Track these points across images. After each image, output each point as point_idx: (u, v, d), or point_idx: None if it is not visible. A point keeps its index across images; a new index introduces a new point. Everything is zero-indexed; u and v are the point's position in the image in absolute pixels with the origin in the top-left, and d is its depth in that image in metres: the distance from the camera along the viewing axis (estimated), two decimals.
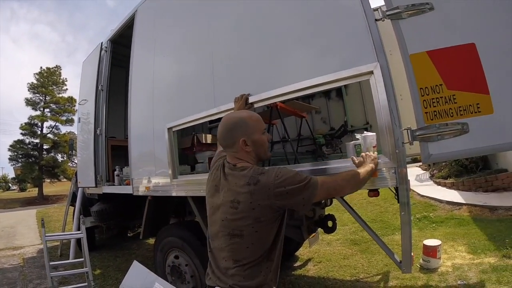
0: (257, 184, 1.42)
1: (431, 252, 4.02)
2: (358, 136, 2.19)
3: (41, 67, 27.37)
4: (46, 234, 4.38)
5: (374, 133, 2.12)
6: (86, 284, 4.06)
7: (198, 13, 3.14)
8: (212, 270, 1.59)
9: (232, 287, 1.43)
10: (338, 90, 4.61)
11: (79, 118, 5.58)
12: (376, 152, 1.93)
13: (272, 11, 2.46)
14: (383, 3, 1.94)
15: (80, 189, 6.08)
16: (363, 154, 1.89)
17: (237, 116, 1.65)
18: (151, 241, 6.56)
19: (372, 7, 1.94)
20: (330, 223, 3.71)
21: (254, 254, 1.45)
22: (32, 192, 31.10)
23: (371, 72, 1.85)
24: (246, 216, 1.42)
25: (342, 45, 2.05)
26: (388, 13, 1.87)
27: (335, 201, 3.78)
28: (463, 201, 6.73)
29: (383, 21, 1.90)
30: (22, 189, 35.91)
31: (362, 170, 1.71)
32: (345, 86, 4.57)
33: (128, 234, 7.63)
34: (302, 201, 1.47)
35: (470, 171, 8.12)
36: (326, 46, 2.15)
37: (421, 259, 4.13)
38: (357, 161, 1.86)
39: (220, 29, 2.89)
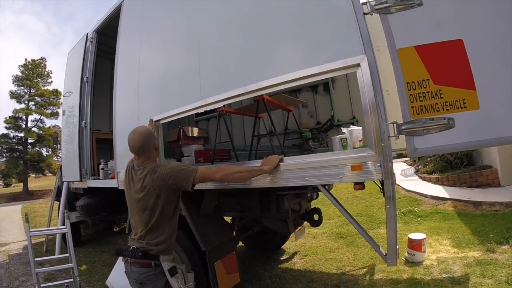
0: (155, 173, 2.08)
1: (416, 245, 4.09)
2: (344, 130, 2.21)
3: (25, 59, 26.76)
4: (31, 230, 4.28)
5: (360, 128, 2.14)
6: (71, 280, 3.99)
7: (185, 4, 3.10)
8: (132, 237, 2.21)
9: (146, 245, 2.07)
10: (325, 85, 4.63)
11: (63, 111, 5.48)
12: (361, 146, 1.94)
13: (260, 2, 2.44)
14: None
15: (65, 184, 5.97)
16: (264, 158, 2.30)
17: (146, 128, 2.39)
18: None
19: (361, 1, 1.94)
20: (316, 217, 3.74)
21: (159, 221, 2.09)
22: (17, 187, 30.47)
23: (358, 65, 1.85)
24: (151, 194, 2.05)
25: (330, 37, 2.05)
26: (376, 7, 1.87)
27: (321, 194, 3.80)
28: (447, 196, 6.83)
29: (371, 15, 1.90)
30: (7, 185, 35.16)
31: (246, 168, 2.23)
32: (332, 80, 4.59)
33: (114, 229, 7.57)
34: (184, 180, 2.06)
35: (455, 167, 8.24)
36: (314, 39, 2.14)
37: (406, 253, 4.20)
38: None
39: (207, 20, 2.85)
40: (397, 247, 2.04)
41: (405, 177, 9.81)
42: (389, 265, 2.12)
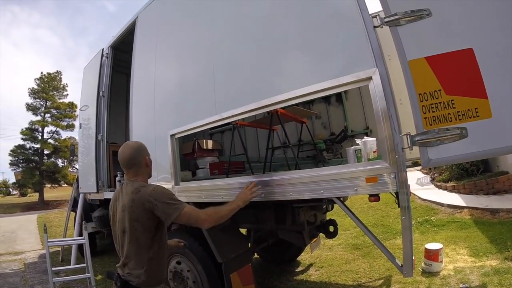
0: (138, 194, 1.84)
1: (432, 255, 4.02)
2: (358, 141, 2.22)
3: (41, 72, 27.42)
4: (49, 240, 4.38)
5: (374, 139, 2.14)
6: None
7: (199, 20, 3.18)
8: (118, 263, 1.99)
9: (127, 274, 1.87)
10: (338, 95, 4.64)
11: (80, 124, 5.60)
12: (376, 156, 1.95)
13: (273, 18, 2.50)
14: (380, 8, 1.96)
15: (81, 195, 6.07)
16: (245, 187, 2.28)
17: (138, 143, 2.14)
18: None
19: (370, 13, 1.97)
20: (331, 228, 3.72)
21: (136, 251, 1.86)
22: (33, 197, 31.01)
23: (370, 78, 1.87)
24: (128, 216, 1.83)
25: (342, 51, 2.09)
26: (386, 20, 1.89)
27: (336, 205, 3.79)
28: (464, 204, 6.71)
29: (381, 28, 1.93)
30: (23, 194, 35.80)
31: (227, 208, 2.10)
32: (345, 91, 4.60)
33: None
34: (164, 215, 1.83)
35: (471, 174, 8.10)
36: (326, 53, 2.18)
37: (423, 263, 4.13)
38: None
39: (221, 35, 2.93)
40: (413, 258, 2.03)
41: (421, 186, 9.67)
42: (405, 276, 2.11)
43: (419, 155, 1.83)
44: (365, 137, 2.29)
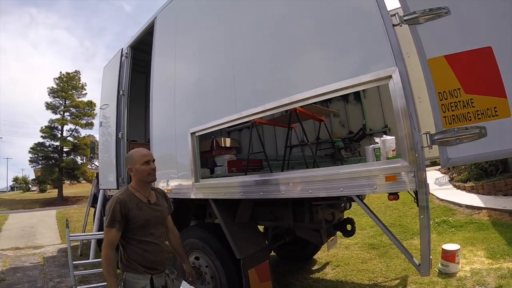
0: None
1: (449, 256, 3.98)
2: (377, 140, 2.22)
3: (60, 72, 28.09)
4: (70, 234, 4.49)
5: (393, 137, 2.14)
6: (105, 283, 4.15)
7: (218, 19, 3.23)
8: None
9: None
10: (356, 93, 4.61)
11: (100, 122, 5.73)
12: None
13: (291, 16, 2.52)
14: (398, 5, 1.96)
15: (101, 191, 6.21)
16: None
17: (130, 152, 2.28)
18: None
19: (388, 11, 1.96)
20: (349, 227, 3.72)
21: None
22: (52, 193, 31.84)
23: (390, 77, 1.87)
24: None
25: (361, 50, 2.10)
26: (405, 18, 1.89)
27: (353, 205, 3.79)
28: (482, 205, 6.60)
29: (400, 26, 1.92)
30: (42, 190, 36.79)
31: (107, 273, 1.97)
32: (363, 89, 4.58)
33: None
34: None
35: (490, 174, 7.94)
36: (345, 51, 2.19)
37: (439, 264, 4.09)
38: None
39: (240, 34, 2.96)
40: (431, 257, 2.02)
41: (439, 186, 9.52)
42: (422, 275, 2.10)
43: (439, 154, 1.82)
44: (384, 135, 2.29)
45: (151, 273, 2.05)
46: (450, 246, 4.08)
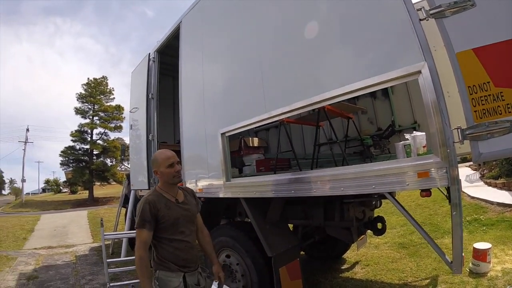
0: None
1: (481, 256, 3.88)
2: (407, 136, 2.19)
3: (88, 78, 29.25)
4: (105, 233, 4.67)
5: (424, 133, 2.12)
6: (137, 280, 4.28)
7: (243, 20, 3.27)
8: None
9: None
10: (384, 89, 4.53)
11: (130, 125, 5.93)
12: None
13: (318, 16, 2.52)
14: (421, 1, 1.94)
15: (132, 191, 6.41)
16: None
17: (154, 154, 2.34)
18: None
19: (415, 7, 1.94)
20: (379, 225, 3.68)
21: None
22: (83, 194, 33.09)
23: (419, 72, 1.85)
24: None
25: (388, 46, 2.08)
26: (431, 12, 1.87)
27: (383, 203, 3.75)
28: None
29: (427, 20, 1.90)
30: (73, 192, 38.23)
31: (140, 270, 1.98)
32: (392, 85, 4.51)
33: None
34: None
35: None
36: (372, 48, 2.18)
37: (470, 263, 3.98)
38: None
39: (266, 33, 2.99)
40: (463, 254, 1.99)
41: (470, 183, 9.23)
42: (454, 273, 2.08)
43: (470, 149, 1.79)
44: (414, 131, 2.26)
45: (183, 271, 2.09)
46: (481, 245, 3.98)
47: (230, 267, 3.43)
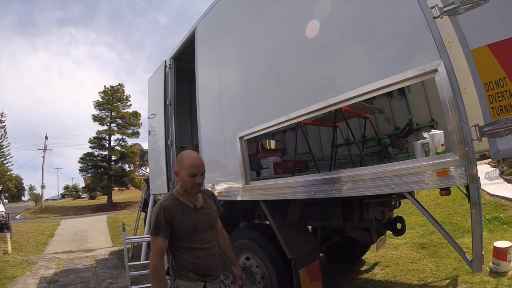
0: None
1: (501, 254, 3.81)
2: (425, 135, 2.19)
3: (104, 86, 29.89)
4: (127, 237, 4.77)
5: (442, 131, 2.11)
6: None
7: (258, 24, 3.31)
8: None
9: None
10: (400, 88, 4.51)
11: (149, 131, 6.06)
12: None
13: (333, 18, 2.54)
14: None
15: (151, 196, 6.52)
16: None
17: (183, 153, 2.09)
18: None
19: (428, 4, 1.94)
20: (399, 225, 3.65)
21: None
22: (101, 199, 33.75)
23: (436, 70, 1.85)
24: None
25: (404, 45, 2.07)
26: (445, 9, 1.87)
27: (403, 202, 3.72)
28: None
29: (441, 18, 1.90)
30: (92, 197, 39.01)
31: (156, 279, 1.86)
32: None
33: None
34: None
35: None
36: (387, 48, 2.18)
37: (491, 263, 3.92)
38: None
39: (281, 38, 3.01)
40: (483, 253, 1.97)
41: (490, 180, 9.02)
42: (474, 271, 2.06)
43: (488, 146, 1.78)
44: (432, 130, 2.25)
45: (204, 280, 1.95)
46: (501, 244, 3.91)
47: (250, 269, 3.46)
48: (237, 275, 2.28)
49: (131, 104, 30.41)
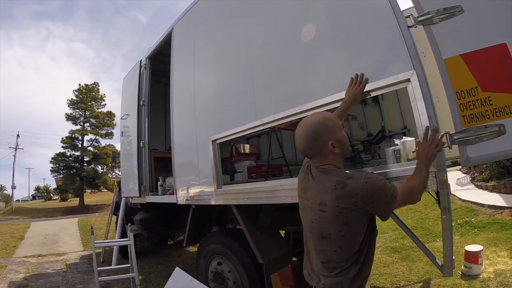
0: (344, 188, 1.43)
1: (472, 258, 3.93)
2: (397, 141, 2.21)
3: (79, 84, 28.94)
4: (95, 241, 4.62)
5: (413, 138, 2.13)
6: None
7: (234, 27, 3.28)
8: (307, 269, 1.77)
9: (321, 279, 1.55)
10: (374, 95, 4.60)
11: (121, 132, 5.89)
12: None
13: (310, 25, 2.53)
14: (410, 5, 1.97)
15: (123, 199, 6.36)
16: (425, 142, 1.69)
17: (315, 121, 1.59)
18: (191, 249, 6.74)
19: (403, 13, 1.96)
20: None
21: (341, 258, 1.49)
22: (73, 201, 32.62)
23: (408, 80, 1.86)
24: (334, 220, 1.46)
25: (379, 54, 2.08)
26: (419, 19, 1.88)
27: None
28: (505, 205, 6.47)
29: (415, 27, 1.91)
30: (63, 199, 37.69)
31: (417, 177, 1.62)
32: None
33: (168, 242, 7.85)
34: (382, 212, 1.51)
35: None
36: (361, 56, 2.18)
37: (462, 266, 4.03)
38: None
39: (256, 40, 2.99)
40: (454, 257, 2.02)
41: (461, 186, 9.35)
42: (445, 275, 2.11)
43: (459, 153, 1.80)
44: (404, 137, 2.28)
45: None
46: (472, 248, 4.03)
47: (221, 274, 3.41)
48: None
49: (105, 104, 29.58)
